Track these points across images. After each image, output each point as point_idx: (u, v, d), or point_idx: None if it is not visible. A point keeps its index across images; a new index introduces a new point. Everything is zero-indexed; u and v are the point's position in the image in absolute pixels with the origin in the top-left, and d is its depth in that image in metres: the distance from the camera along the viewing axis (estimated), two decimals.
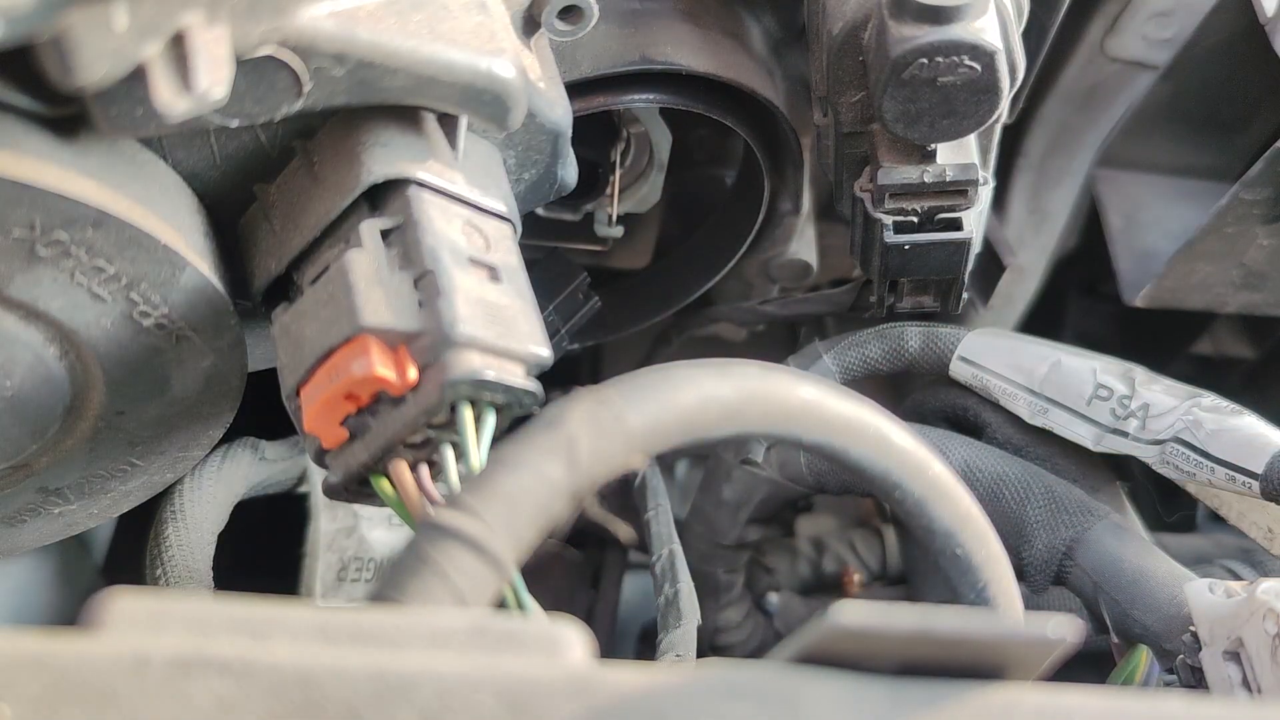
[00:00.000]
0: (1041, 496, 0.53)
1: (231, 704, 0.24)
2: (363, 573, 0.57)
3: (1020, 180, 0.72)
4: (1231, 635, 0.43)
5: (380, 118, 0.40)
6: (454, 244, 0.38)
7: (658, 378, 0.33)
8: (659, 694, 0.25)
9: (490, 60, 0.39)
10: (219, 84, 0.33)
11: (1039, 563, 0.52)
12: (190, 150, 0.40)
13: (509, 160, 0.45)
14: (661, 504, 0.58)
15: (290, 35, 0.35)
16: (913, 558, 0.69)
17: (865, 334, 0.59)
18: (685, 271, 0.67)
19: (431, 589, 0.29)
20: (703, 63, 0.54)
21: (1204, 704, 0.28)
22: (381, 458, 0.37)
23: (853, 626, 0.25)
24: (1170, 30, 0.65)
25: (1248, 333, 0.79)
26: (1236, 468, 0.49)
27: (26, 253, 0.36)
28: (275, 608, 0.26)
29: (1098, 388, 0.53)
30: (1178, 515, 0.70)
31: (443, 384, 0.36)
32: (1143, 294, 0.66)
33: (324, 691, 0.24)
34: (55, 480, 0.43)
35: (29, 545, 0.47)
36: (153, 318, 0.39)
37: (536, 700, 0.25)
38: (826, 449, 0.35)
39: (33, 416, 0.40)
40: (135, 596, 0.25)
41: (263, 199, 0.42)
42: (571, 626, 0.27)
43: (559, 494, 0.31)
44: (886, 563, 0.71)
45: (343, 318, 0.37)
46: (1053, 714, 0.26)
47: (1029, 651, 0.27)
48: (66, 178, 0.35)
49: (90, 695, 0.23)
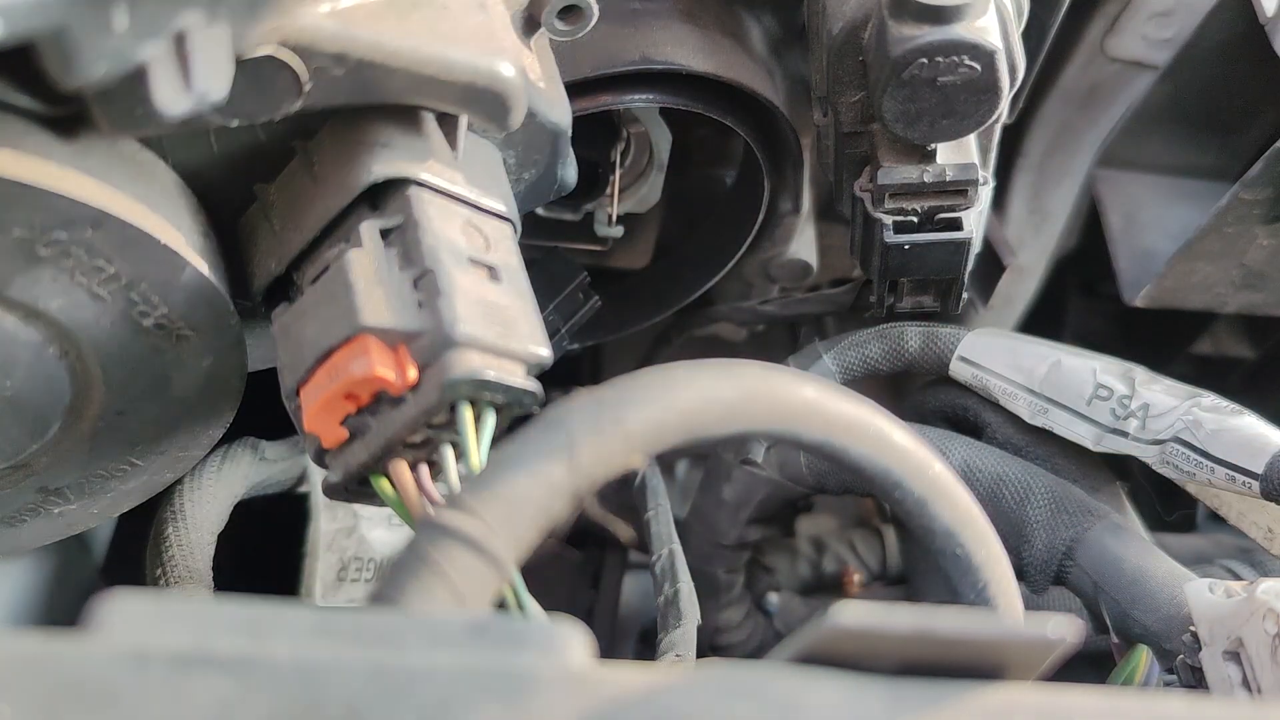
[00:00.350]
0: (1041, 496, 0.53)
1: (231, 704, 0.24)
2: (363, 573, 0.57)
3: (1020, 180, 0.72)
4: (1231, 635, 0.43)
5: (380, 118, 0.40)
6: (454, 244, 0.38)
7: (658, 378, 0.33)
8: (659, 694, 0.25)
9: (490, 60, 0.39)
10: (219, 84, 0.33)
11: (1039, 563, 0.52)
12: (190, 150, 0.40)
13: (509, 160, 0.45)
14: (661, 504, 0.58)
15: (290, 35, 0.35)
16: (913, 558, 0.69)
17: (865, 334, 0.59)
18: (685, 271, 0.67)
19: (431, 589, 0.29)
20: (703, 63, 0.54)
21: (1204, 704, 0.28)
22: (381, 457, 0.37)
23: (853, 626, 0.25)
24: (1170, 30, 0.65)
25: (1248, 333, 0.79)
26: (1236, 468, 0.49)
27: (26, 253, 0.36)
28: (275, 608, 0.26)
29: (1098, 388, 0.53)
30: (1178, 515, 0.70)
31: (442, 384, 0.36)
32: (1143, 294, 0.66)
33: (324, 691, 0.24)
34: (55, 480, 0.43)
35: (29, 545, 0.47)
36: (153, 318, 0.39)
37: (536, 700, 0.25)
38: (826, 449, 0.35)
39: (33, 416, 0.40)
40: (135, 596, 0.25)
41: (263, 199, 0.42)
42: (571, 626, 0.27)
43: (559, 494, 0.31)
44: (886, 563, 0.71)
45: (343, 317, 0.37)
46: (1053, 714, 0.26)
47: (1029, 651, 0.27)
48: (66, 178, 0.35)
49: (90, 695, 0.23)
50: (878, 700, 0.26)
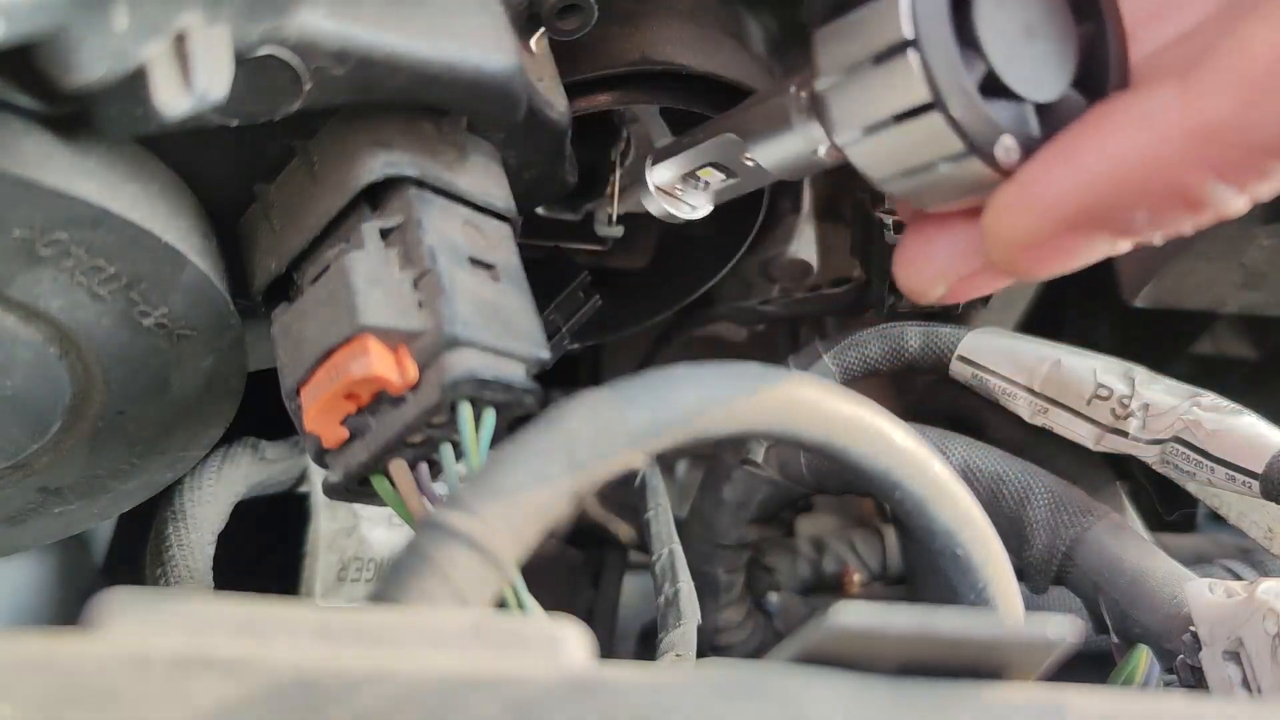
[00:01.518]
0: (1041, 496, 0.53)
1: (231, 704, 0.24)
2: (363, 573, 0.57)
3: None
4: (1231, 635, 0.43)
5: (380, 117, 0.40)
6: (454, 243, 0.38)
7: (658, 378, 0.33)
8: (659, 694, 0.25)
9: (490, 59, 0.39)
10: (219, 84, 0.33)
11: (1039, 563, 0.52)
12: (190, 150, 0.40)
13: (509, 160, 0.45)
14: (661, 504, 0.57)
15: (290, 35, 0.35)
16: (913, 558, 0.69)
17: (865, 334, 0.59)
18: (685, 271, 0.67)
19: (431, 589, 0.29)
20: (703, 63, 0.54)
21: (1204, 704, 0.28)
22: (382, 457, 0.37)
23: (853, 626, 0.25)
24: None
25: (1248, 333, 0.79)
26: (1236, 468, 0.49)
27: (27, 252, 0.36)
28: (275, 608, 0.26)
29: (1098, 387, 0.53)
30: (1177, 515, 0.70)
31: (443, 384, 0.36)
32: (1143, 294, 0.66)
33: (324, 691, 0.24)
34: (55, 480, 0.43)
35: (29, 545, 0.47)
36: (153, 317, 0.39)
37: (536, 700, 0.25)
38: (826, 449, 0.35)
39: (33, 416, 0.40)
40: (135, 596, 0.25)
41: (263, 199, 0.42)
42: (571, 626, 0.27)
43: (559, 494, 0.31)
44: (886, 563, 0.71)
45: (343, 317, 0.37)
46: (1053, 714, 0.26)
47: (1029, 651, 0.27)
48: (66, 177, 0.35)
49: (91, 695, 0.23)
50: (878, 700, 0.26)
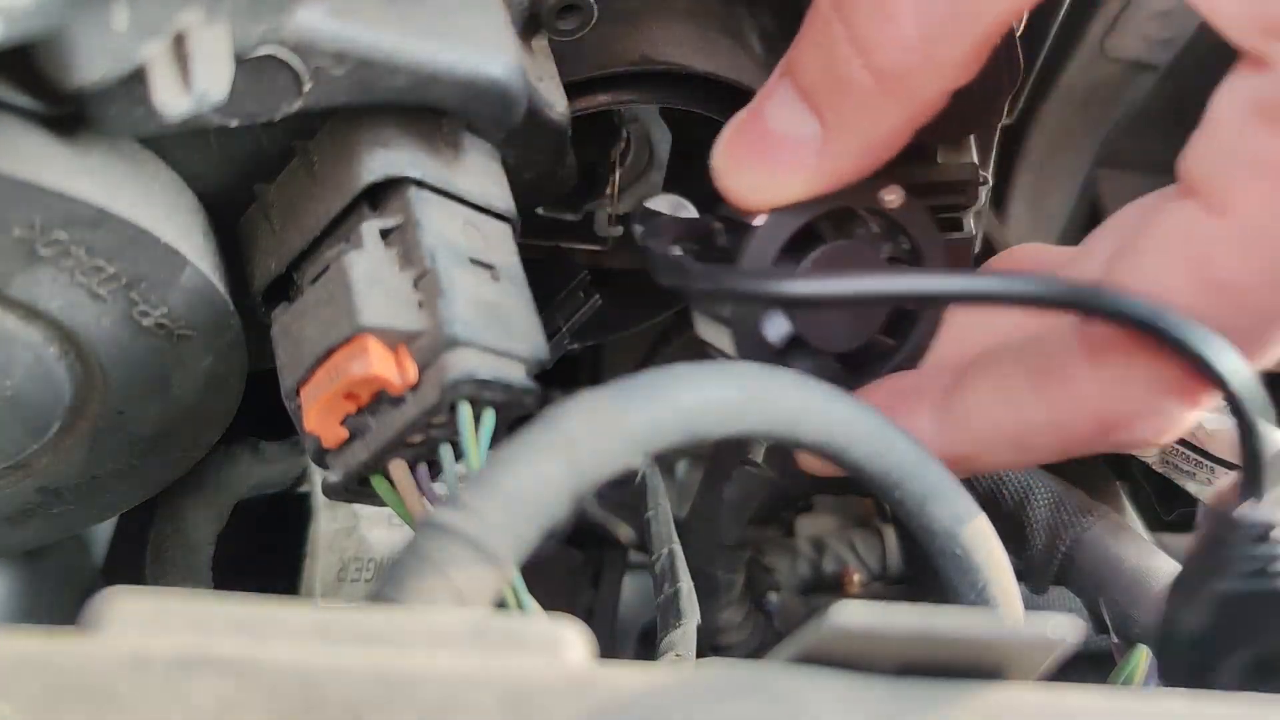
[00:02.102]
0: (1041, 496, 0.53)
1: (231, 704, 0.24)
2: (363, 573, 0.57)
3: (1020, 180, 0.72)
4: None
5: (380, 117, 0.40)
6: (454, 244, 0.38)
7: (658, 378, 0.33)
8: (659, 694, 0.25)
9: (490, 60, 0.39)
10: (219, 84, 0.33)
11: (1039, 563, 0.52)
12: (190, 150, 0.40)
13: (509, 160, 0.45)
14: (661, 504, 0.57)
15: (290, 35, 0.35)
16: (913, 558, 0.69)
17: None
18: None
19: (431, 589, 0.29)
20: (703, 63, 0.54)
21: (1204, 704, 0.28)
22: (381, 457, 0.37)
23: (853, 626, 0.25)
24: (1170, 30, 0.65)
25: None
26: (1236, 468, 0.49)
27: (26, 252, 0.36)
28: (275, 608, 0.26)
29: None
30: (1177, 515, 0.70)
31: (442, 384, 0.36)
32: None
33: (324, 691, 0.24)
34: (55, 480, 0.43)
35: (29, 544, 0.47)
36: (153, 317, 0.39)
37: (536, 700, 0.25)
38: (826, 449, 0.35)
39: (32, 416, 0.40)
40: (135, 596, 0.25)
41: (263, 199, 0.42)
42: (571, 626, 0.27)
43: (559, 494, 0.31)
44: (886, 563, 0.71)
45: (342, 317, 0.37)
46: (1053, 714, 0.26)
47: (1029, 651, 0.27)
48: (66, 177, 0.35)
49: (90, 695, 0.23)
50: (878, 700, 0.26)
